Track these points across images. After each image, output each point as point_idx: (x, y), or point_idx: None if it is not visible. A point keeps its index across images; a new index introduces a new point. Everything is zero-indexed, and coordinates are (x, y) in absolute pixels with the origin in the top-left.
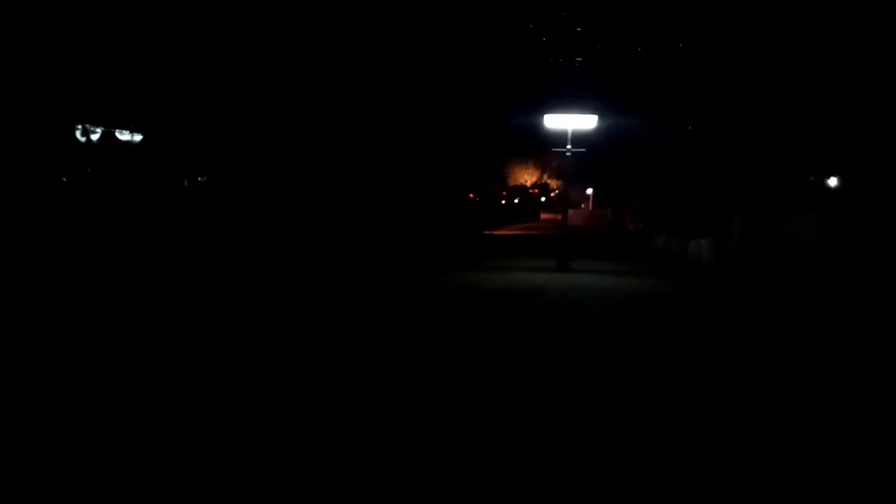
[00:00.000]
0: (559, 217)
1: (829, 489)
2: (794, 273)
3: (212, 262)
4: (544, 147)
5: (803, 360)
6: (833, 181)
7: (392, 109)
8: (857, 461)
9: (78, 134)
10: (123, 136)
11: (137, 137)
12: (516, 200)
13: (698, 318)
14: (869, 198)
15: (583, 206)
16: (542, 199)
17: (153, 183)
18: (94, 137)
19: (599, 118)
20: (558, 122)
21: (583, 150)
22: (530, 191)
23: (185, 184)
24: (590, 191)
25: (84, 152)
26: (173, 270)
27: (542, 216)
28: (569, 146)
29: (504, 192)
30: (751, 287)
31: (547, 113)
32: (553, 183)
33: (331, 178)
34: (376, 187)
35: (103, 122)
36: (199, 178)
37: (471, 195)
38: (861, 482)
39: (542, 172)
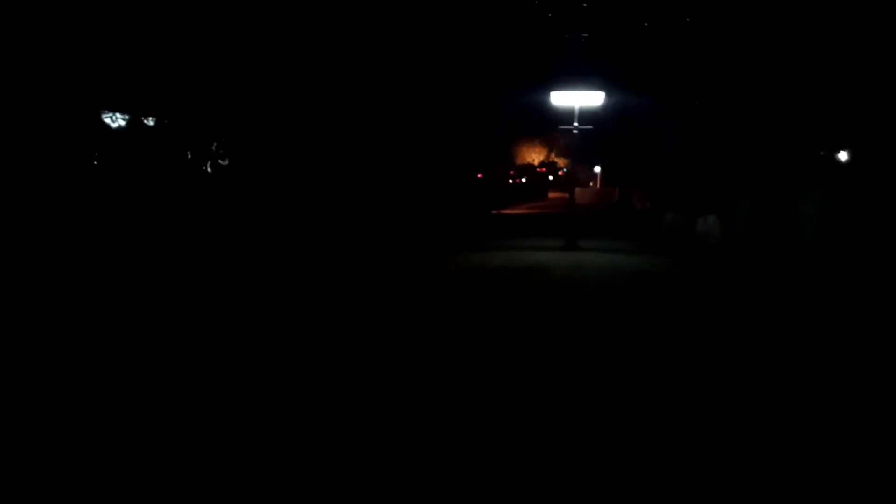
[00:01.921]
0: (567, 196)
1: (830, 486)
2: (799, 261)
3: (222, 245)
4: (552, 125)
5: (798, 349)
6: (843, 156)
7: (400, 91)
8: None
9: (108, 120)
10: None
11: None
12: (524, 180)
13: (702, 301)
14: (869, 197)
15: (590, 184)
16: (550, 177)
17: (173, 166)
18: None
19: (606, 95)
20: (565, 99)
21: (590, 127)
22: (538, 170)
23: (208, 168)
24: (597, 169)
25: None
26: (192, 248)
27: (550, 195)
28: (576, 123)
29: (511, 172)
30: (755, 272)
31: (554, 90)
32: (560, 162)
33: (343, 161)
34: (386, 169)
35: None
36: (221, 162)
37: (479, 175)
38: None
39: (550, 151)
